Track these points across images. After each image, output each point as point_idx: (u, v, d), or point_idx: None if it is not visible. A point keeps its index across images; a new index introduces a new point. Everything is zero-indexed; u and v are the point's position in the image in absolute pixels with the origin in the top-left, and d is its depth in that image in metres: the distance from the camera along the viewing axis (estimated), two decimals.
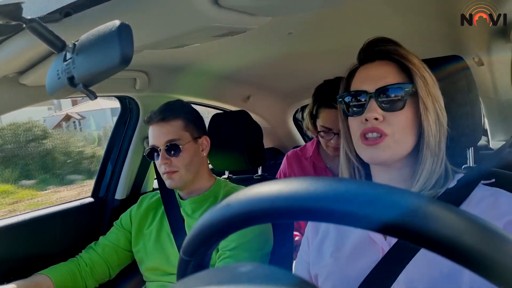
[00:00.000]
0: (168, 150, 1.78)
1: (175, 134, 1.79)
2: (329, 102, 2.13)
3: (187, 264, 0.56)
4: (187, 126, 1.84)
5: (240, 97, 2.91)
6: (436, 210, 0.39)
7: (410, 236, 0.39)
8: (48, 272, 1.77)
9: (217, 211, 0.49)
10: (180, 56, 1.97)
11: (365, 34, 1.18)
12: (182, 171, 1.80)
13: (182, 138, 1.80)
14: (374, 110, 1.06)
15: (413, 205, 0.39)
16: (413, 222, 0.38)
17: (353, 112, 1.12)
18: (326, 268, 1.13)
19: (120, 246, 1.95)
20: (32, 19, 0.82)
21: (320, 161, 2.47)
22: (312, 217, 0.43)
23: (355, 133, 1.12)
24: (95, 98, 0.89)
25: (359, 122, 1.10)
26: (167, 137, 1.79)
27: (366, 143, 1.07)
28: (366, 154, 1.09)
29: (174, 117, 1.82)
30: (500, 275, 0.36)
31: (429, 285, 0.95)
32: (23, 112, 22.76)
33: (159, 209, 1.96)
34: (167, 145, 1.77)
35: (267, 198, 0.45)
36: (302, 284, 0.36)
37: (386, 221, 0.39)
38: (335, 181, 0.43)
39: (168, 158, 1.78)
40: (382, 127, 1.06)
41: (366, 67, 1.14)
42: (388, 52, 1.12)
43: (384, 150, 1.06)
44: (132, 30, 0.74)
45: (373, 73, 1.11)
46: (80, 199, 2.28)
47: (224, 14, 1.08)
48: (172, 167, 1.78)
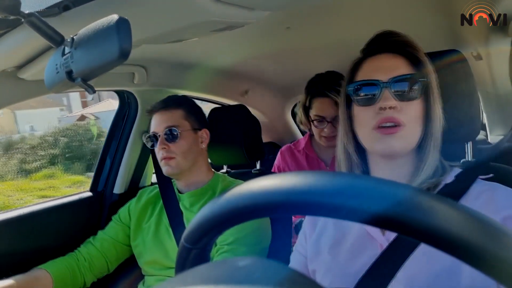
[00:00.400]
0: (167, 136, 1.81)
1: (175, 121, 1.83)
2: (322, 91, 2.19)
3: (189, 251, 0.56)
4: (188, 117, 1.87)
5: (238, 92, 2.91)
6: (425, 201, 0.39)
7: (401, 227, 0.39)
8: (47, 266, 1.77)
9: (221, 202, 0.49)
10: (178, 50, 1.97)
11: (363, 28, 1.18)
12: (179, 158, 1.82)
13: (182, 126, 1.84)
14: (390, 99, 1.05)
15: (401, 196, 0.39)
16: (402, 213, 0.39)
17: (364, 101, 1.10)
18: (324, 264, 1.13)
19: (118, 240, 1.95)
20: (31, 13, 0.82)
21: (312, 152, 2.52)
22: (308, 211, 0.44)
23: (366, 124, 1.09)
24: (94, 93, 0.89)
25: (372, 112, 1.08)
26: (167, 123, 1.83)
27: (382, 132, 1.06)
28: (381, 144, 1.07)
29: (175, 107, 1.87)
30: (486, 261, 0.36)
31: (428, 281, 0.94)
32: (38, 114, 23.09)
33: (158, 203, 1.96)
34: (166, 131, 1.81)
35: (267, 192, 0.45)
36: (296, 277, 0.36)
37: (376, 213, 0.39)
38: (330, 176, 0.44)
39: (166, 144, 1.81)
40: (397, 116, 1.05)
41: (376, 58, 1.13)
42: (401, 45, 1.12)
43: (398, 140, 1.05)
44: (130, 24, 0.74)
45: (384, 64, 1.10)
46: (78, 193, 2.28)
47: (222, 8, 1.08)
48: (169, 152, 1.82)
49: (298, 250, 1.26)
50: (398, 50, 1.12)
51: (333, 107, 2.15)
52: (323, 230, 1.20)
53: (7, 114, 33.44)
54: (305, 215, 0.87)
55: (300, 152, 2.56)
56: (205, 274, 0.36)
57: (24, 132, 25.20)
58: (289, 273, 0.36)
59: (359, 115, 1.12)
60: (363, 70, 1.14)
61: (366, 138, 1.12)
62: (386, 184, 0.42)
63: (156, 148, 1.85)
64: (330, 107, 2.18)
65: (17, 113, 32.09)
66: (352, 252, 1.09)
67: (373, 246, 1.06)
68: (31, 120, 31.18)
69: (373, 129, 1.07)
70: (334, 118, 2.16)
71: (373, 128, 1.07)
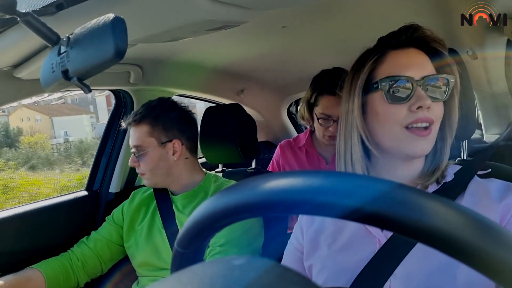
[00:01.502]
0: (136, 154, 1.82)
1: (139, 140, 1.81)
2: (329, 88, 2.13)
3: (182, 256, 0.56)
4: (152, 132, 1.81)
5: (234, 91, 2.91)
6: (403, 195, 0.40)
7: (386, 223, 0.39)
8: (39, 266, 1.76)
9: (211, 203, 0.50)
10: (174, 49, 1.97)
11: (359, 28, 1.19)
12: (148, 175, 1.84)
13: (145, 144, 1.80)
14: (425, 98, 1.01)
15: (386, 192, 0.40)
16: (387, 209, 0.39)
17: (395, 99, 1.04)
18: (321, 260, 1.11)
19: (112, 241, 1.95)
20: (27, 12, 0.81)
21: (313, 149, 2.49)
22: (303, 210, 0.44)
23: (397, 122, 1.04)
24: (89, 92, 0.89)
25: (404, 110, 1.03)
26: (133, 142, 1.83)
27: (415, 133, 1.02)
28: (412, 146, 1.03)
29: (140, 121, 1.82)
30: (468, 253, 0.37)
31: (426, 278, 0.94)
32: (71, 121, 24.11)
33: (151, 204, 1.95)
34: (133, 149, 1.83)
35: (259, 191, 0.46)
36: (290, 275, 0.37)
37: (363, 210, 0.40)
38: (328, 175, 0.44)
39: (136, 161, 1.83)
40: (430, 116, 1.02)
41: (403, 52, 1.08)
42: (430, 41, 1.10)
43: (429, 143, 1.04)
44: (126, 23, 0.74)
45: (415, 60, 1.06)
46: (74, 192, 2.28)
47: (218, 7, 1.08)
48: (140, 169, 1.84)
49: (293, 244, 1.24)
50: (424, 46, 1.09)
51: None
52: (321, 225, 1.17)
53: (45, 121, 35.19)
54: (283, 214, 0.86)
55: (300, 148, 2.54)
56: (200, 273, 0.36)
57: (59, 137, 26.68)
58: (283, 272, 0.36)
59: (387, 112, 1.06)
60: (389, 64, 1.08)
61: (392, 137, 1.06)
62: (364, 179, 0.43)
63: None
64: (338, 106, 2.13)
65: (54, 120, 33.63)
66: (349, 248, 1.08)
67: (371, 242, 1.05)
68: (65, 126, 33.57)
69: (403, 129, 1.04)
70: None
71: (403, 127, 1.04)
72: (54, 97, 51.11)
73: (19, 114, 41.95)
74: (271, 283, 0.34)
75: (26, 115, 41.15)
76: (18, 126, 33.36)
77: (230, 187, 0.50)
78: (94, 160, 2.41)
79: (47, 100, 50.61)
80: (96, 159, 2.40)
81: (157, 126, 1.82)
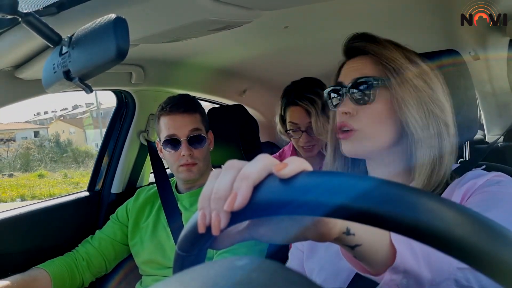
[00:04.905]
0: (191, 141, 1.77)
1: (198, 125, 1.80)
2: (293, 99, 2.11)
3: (183, 259, 0.56)
4: (203, 120, 1.85)
5: (236, 91, 2.90)
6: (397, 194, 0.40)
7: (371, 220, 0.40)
8: (45, 266, 1.77)
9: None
10: (176, 50, 1.97)
11: (361, 28, 1.18)
12: (201, 164, 1.80)
13: (202, 130, 1.82)
14: (347, 104, 1.08)
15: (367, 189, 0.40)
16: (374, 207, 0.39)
17: (333, 105, 1.15)
18: (319, 262, 1.12)
19: (116, 239, 1.95)
20: (28, 13, 0.81)
21: None
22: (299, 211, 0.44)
23: (333, 127, 1.16)
24: (91, 92, 0.89)
25: (337, 115, 1.12)
26: (191, 126, 1.78)
27: (340, 136, 1.10)
28: (342, 147, 1.11)
29: (194, 110, 1.82)
30: (453, 245, 0.37)
31: None
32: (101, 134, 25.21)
33: (156, 203, 1.95)
34: (191, 135, 1.77)
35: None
36: (293, 276, 0.36)
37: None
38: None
39: (191, 150, 1.77)
40: (351, 122, 1.07)
41: (349, 61, 1.15)
42: (363, 49, 1.12)
43: (354, 145, 1.08)
44: (128, 23, 0.74)
45: (351, 67, 1.13)
46: (76, 193, 2.28)
47: (220, 7, 1.08)
48: (193, 158, 1.77)
49: (297, 246, 1.25)
50: (366, 52, 1.12)
51: (306, 115, 2.07)
52: None
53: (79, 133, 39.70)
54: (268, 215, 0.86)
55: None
56: (203, 273, 0.36)
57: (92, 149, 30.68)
58: (286, 272, 0.36)
59: (331, 118, 1.18)
60: (340, 74, 1.16)
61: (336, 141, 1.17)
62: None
63: (171, 152, 1.80)
64: (303, 116, 2.09)
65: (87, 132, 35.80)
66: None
67: None
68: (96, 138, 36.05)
69: (337, 132, 1.11)
70: (309, 127, 2.08)
71: (337, 132, 1.11)
72: (79, 111, 52.59)
73: (55, 127, 43.22)
74: (272, 283, 0.34)
75: (61, 128, 42.32)
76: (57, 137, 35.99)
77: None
78: (96, 161, 2.41)
79: (73, 114, 51.96)
80: (98, 159, 2.40)
81: (204, 115, 1.87)
